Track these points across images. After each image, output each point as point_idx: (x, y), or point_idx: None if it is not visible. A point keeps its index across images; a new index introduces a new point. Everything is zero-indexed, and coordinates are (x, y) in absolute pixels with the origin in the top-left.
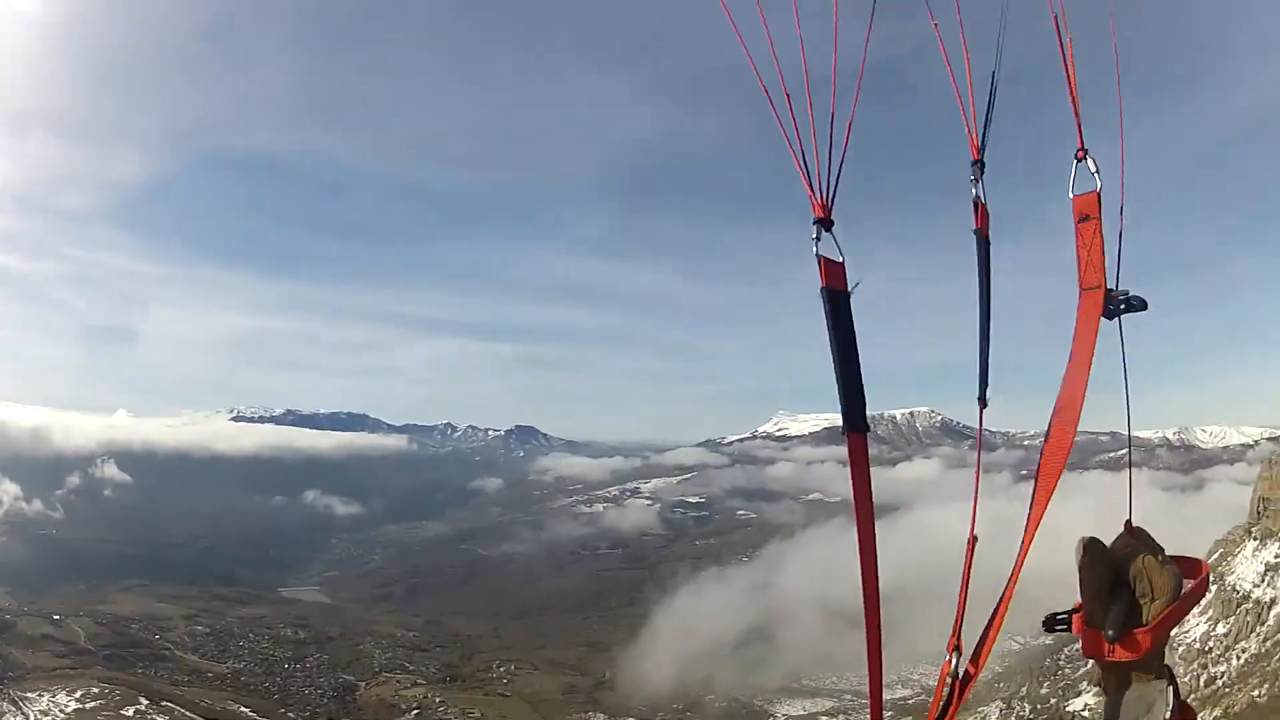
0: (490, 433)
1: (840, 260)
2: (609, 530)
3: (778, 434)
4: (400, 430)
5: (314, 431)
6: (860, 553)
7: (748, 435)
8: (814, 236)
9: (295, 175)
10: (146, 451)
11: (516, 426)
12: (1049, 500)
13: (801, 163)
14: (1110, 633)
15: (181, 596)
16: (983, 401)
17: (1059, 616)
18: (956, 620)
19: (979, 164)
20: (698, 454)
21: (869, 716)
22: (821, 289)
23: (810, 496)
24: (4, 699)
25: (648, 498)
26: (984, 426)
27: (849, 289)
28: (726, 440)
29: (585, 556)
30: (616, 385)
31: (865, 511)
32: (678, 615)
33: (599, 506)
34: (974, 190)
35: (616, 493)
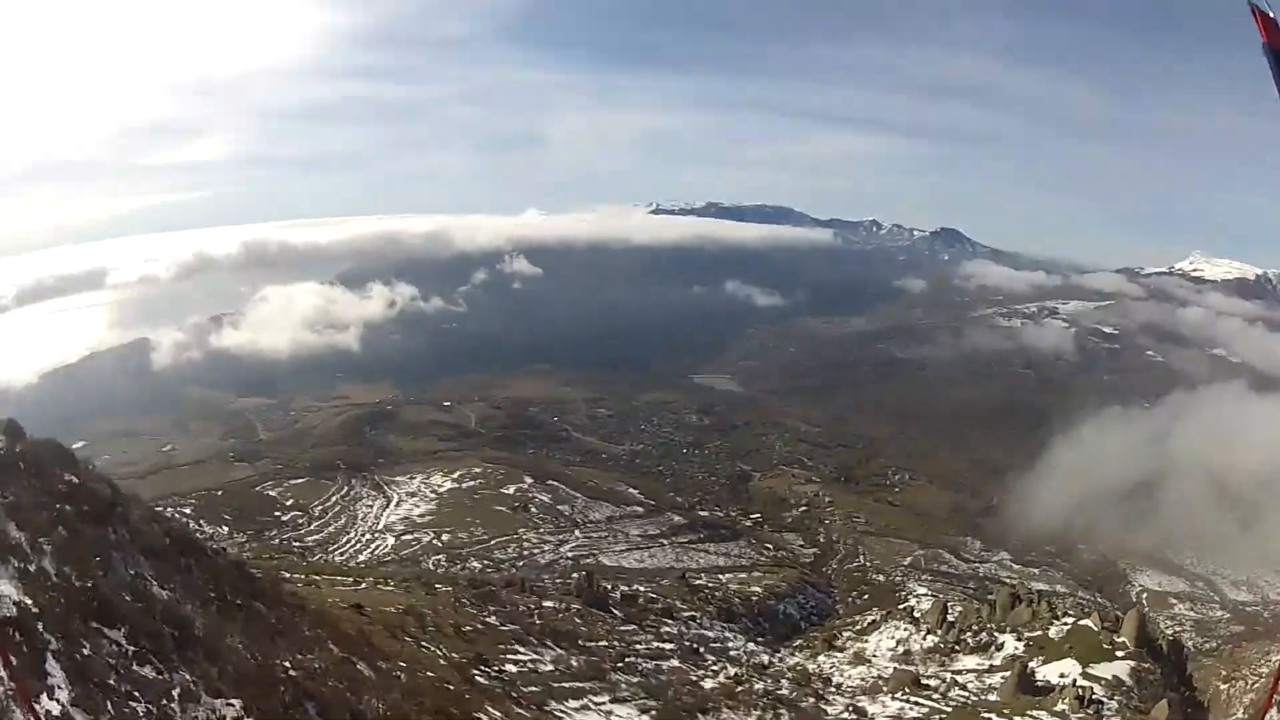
0: (915, 233)
1: (1275, 16)
2: (1025, 348)
3: (1193, 274)
4: (825, 224)
5: (736, 223)
6: None
7: (1164, 270)
8: None
9: None
10: (561, 245)
11: (941, 228)
12: None
13: None
14: None
15: (587, 381)
16: None
17: None
18: None
19: None
20: (1115, 281)
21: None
22: (1263, 45)
23: (1214, 350)
24: (366, 484)
25: (1065, 320)
26: None
27: None
28: (1144, 271)
29: (998, 372)
30: (1037, 196)
31: None
32: (1076, 451)
33: (1017, 321)
34: None
35: (1035, 310)
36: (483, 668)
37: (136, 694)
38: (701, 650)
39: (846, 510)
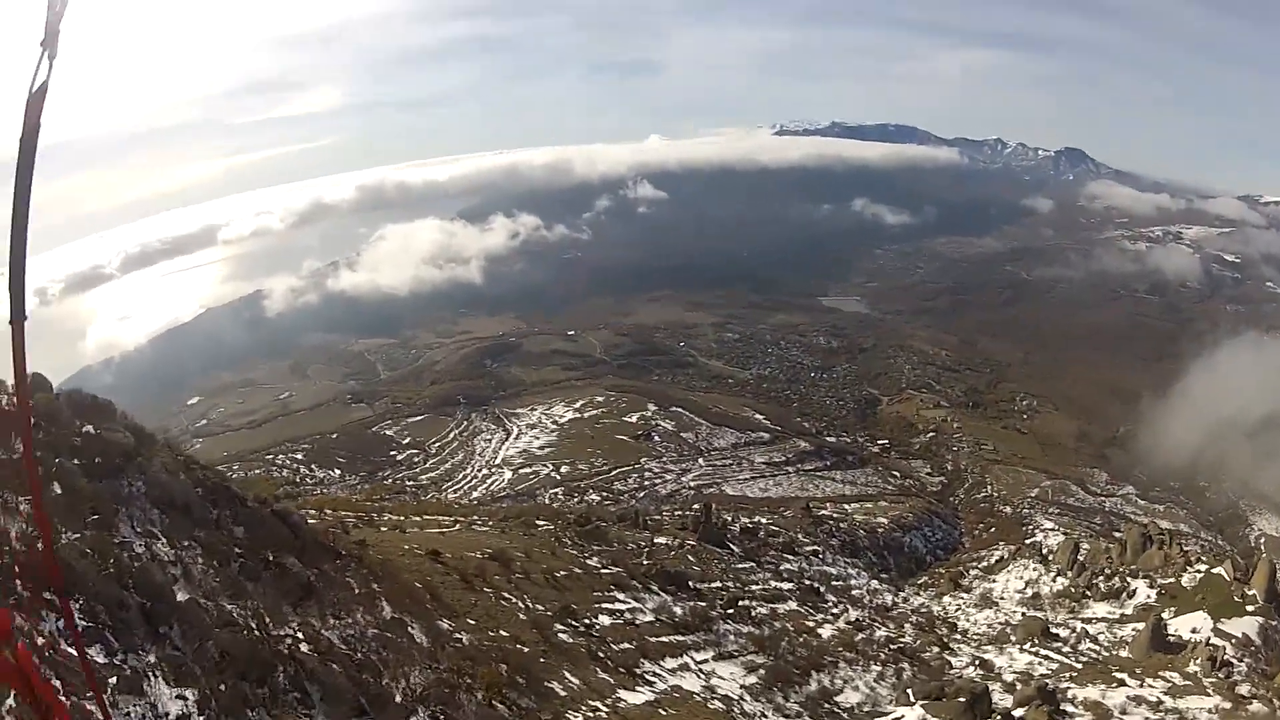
0: (1039, 152)
1: None
2: (1151, 272)
3: None
4: (950, 143)
5: (860, 143)
6: None
7: None
8: None
9: None
10: (684, 169)
11: (1065, 148)
12: None
13: None
14: None
15: (714, 305)
16: None
17: None
18: None
19: None
20: (1237, 208)
21: None
22: None
23: None
24: (486, 418)
25: (1189, 244)
26: None
27: None
28: (1264, 200)
29: (1124, 296)
30: (1154, 115)
31: None
32: (1209, 379)
33: (1143, 244)
34: None
35: (1160, 233)
36: (570, 621)
37: (55, 685)
38: (822, 590)
39: (974, 437)
